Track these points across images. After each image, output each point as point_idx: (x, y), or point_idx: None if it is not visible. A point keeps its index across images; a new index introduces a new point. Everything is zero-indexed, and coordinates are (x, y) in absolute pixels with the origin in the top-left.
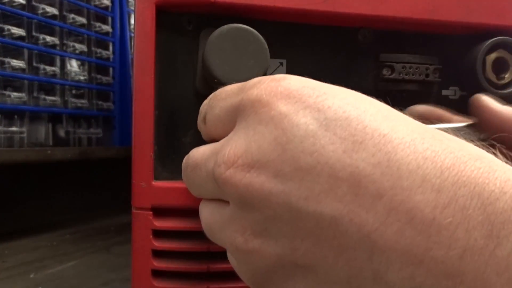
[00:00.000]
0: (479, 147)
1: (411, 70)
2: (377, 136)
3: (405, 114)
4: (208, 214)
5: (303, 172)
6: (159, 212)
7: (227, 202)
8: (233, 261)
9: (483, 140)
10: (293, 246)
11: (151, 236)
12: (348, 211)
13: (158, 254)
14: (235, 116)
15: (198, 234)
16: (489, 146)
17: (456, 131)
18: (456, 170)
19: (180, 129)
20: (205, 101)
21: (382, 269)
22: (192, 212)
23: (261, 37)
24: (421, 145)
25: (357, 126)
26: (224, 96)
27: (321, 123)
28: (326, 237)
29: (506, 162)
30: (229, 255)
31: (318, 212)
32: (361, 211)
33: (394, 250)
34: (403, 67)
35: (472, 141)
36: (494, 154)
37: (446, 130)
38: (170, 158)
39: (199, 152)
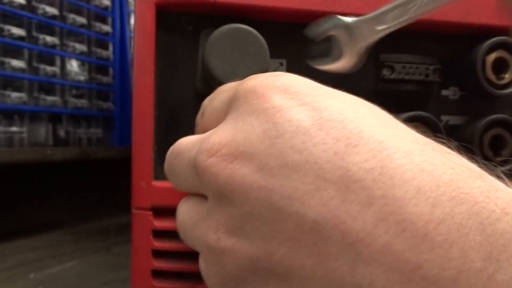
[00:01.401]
0: (482, 168)
1: (411, 70)
2: (372, 142)
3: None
4: (184, 210)
5: (289, 170)
6: (159, 212)
7: (205, 199)
8: (202, 264)
9: None
10: (269, 249)
11: (151, 236)
12: (333, 217)
13: (158, 254)
14: (229, 107)
15: None
16: (493, 166)
17: None
18: (454, 186)
19: (180, 129)
20: (208, 96)
21: (364, 285)
22: None
23: (261, 37)
24: (419, 156)
25: (352, 130)
26: (224, 90)
27: (315, 122)
28: (306, 243)
29: (508, 185)
30: (200, 259)
31: (300, 213)
32: (347, 218)
33: (380, 264)
34: (403, 67)
35: (476, 161)
36: (497, 176)
37: None
38: None
39: (185, 140)
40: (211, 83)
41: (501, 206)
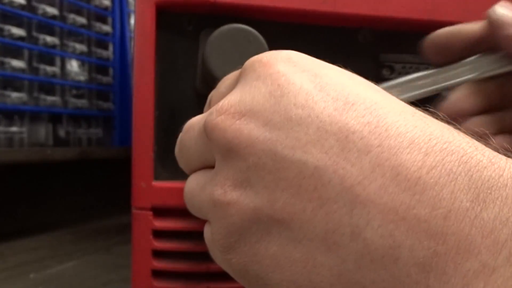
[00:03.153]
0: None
1: (411, 70)
2: (369, 101)
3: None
4: (192, 179)
5: (293, 123)
6: (159, 212)
7: (213, 168)
8: (206, 229)
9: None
10: (272, 197)
11: (151, 236)
12: (333, 163)
13: (158, 254)
14: (237, 83)
15: (198, 234)
16: (484, 138)
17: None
18: (445, 139)
19: (180, 129)
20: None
21: (361, 224)
22: None
23: (261, 37)
24: (411, 116)
25: (350, 91)
26: (228, 77)
27: (316, 84)
28: (307, 188)
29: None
30: (205, 226)
31: (302, 161)
32: (346, 164)
33: (376, 205)
34: (403, 67)
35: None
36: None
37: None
38: (170, 158)
39: (195, 117)
40: (211, 83)
41: (488, 158)
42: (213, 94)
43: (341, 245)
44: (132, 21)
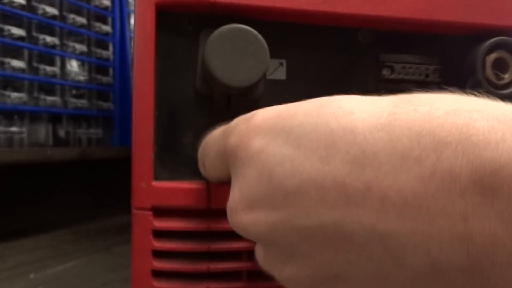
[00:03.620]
0: None
1: (411, 70)
2: (345, 134)
3: None
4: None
5: (294, 195)
6: (159, 212)
7: None
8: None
9: None
10: (317, 261)
11: (151, 236)
12: (345, 213)
13: (158, 254)
14: (225, 160)
15: (198, 234)
16: None
17: None
18: (434, 131)
19: (180, 129)
20: (199, 150)
21: (399, 255)
22: (192, 212)
23: (261, 37)
24: (386, 118)
25: (325, 133)
26: (212, 143)
27: (292, 144)
28: (339, 242)
29: None
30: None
31: (321, 224)
32: (357, 209)
33: (402, 234)
34: (403, 68)
35: None
36: None
37: None
38: (170, 158)
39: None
40: (211, 83)
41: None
42: (204, 158)
43: (394, 276)
44: (132, 21)
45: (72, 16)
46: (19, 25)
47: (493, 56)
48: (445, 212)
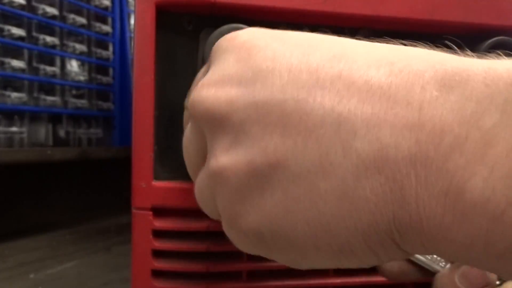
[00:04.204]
0: None
1: None
2: (330, 41)
3: None
4: (198, 179)
5: (266, 72)
6: (159, 212)
7: None
8: (206, 196)
9: None
10: (262, 144)
11: (151, 236)
12: (310, 93)
13: (158, 254)
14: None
15: (198, 234)
16: None
17: None
18: (406, 48)
19: (180, 129)
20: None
21: (349, 137)
22: (192, 212)
23: None
24: (374, 47)
25: (313, 39)
26: (203, 69)
27: (279, 42)
28: (292, 123)
29: None
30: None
31: (282, 100)
32: (323, 91)
33: (358, 116)
34: None
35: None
36: None
37: None
38: (170, 158)
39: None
40: None
41: (449, 54)
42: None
43: (337, 164)
44: (132, 21)
45: (72, 16)
46: (19, 25)
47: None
48: (405, 101)
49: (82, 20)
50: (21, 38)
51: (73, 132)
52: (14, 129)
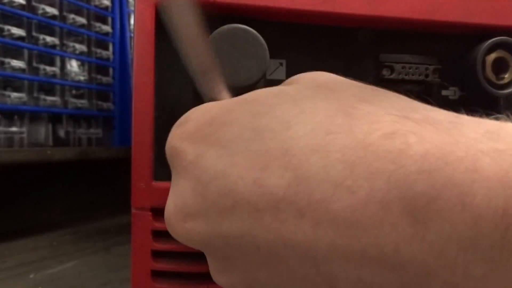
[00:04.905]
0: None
1: (410, 70)
2: (280, 155)
3: None
4: None
5: (228, 213)
6: (159, 212)
7: None
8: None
9: None
10: (253, 276)
11: (150, 237)
12: (280, 236)
13: (158, 254)
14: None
15: None
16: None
17: None
18: (368, 160)
19: None
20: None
21: (332, 275)
22: None
23: (260, 37)
24: (322, 139)
25: (260, 149)
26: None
27: (226, 160)
28: (273, 263)
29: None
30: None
31: (253, 243)
32: (291, 234)
33: (336, 258)
34: (402, 68)
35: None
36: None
37: None
38: None
39: None
40: None
41: (417, 164)
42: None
43: None
44: (132, 21)
45: (72, 16)
46: (19, 25)
47: (493, 56)
48: (377, 243)
49: (82, 20)
50: (21, 38)
51: (73, 132)
52: (14, 129)
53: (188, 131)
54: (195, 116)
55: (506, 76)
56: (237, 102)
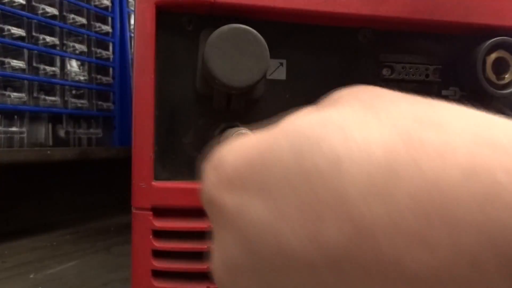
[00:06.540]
0: None
1: (411, 70)
2: (335, 203)
3: None
4: None
5: (282, 272)
6: (159, 212)
7: None
8: None
9: None
10: None
11: (151, 236)
12: None
13: (158, 254)
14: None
15: (198, 234)
16: None
17: None
18: (446, 208)
19: (180, 129)
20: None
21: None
22: (192, 212)
23: (261, 37)
24: (382, 176)
25: (309, 199)
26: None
27: (272, 210)
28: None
29: None
30: None
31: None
32: None
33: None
34: (403, 67)
35: None
36: None
37: None
38: (170, 158)
39: None
40: (211, 83)
41: None
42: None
43: None
44: (132, 21)
45: (72, 16)
46: (19, 25)
47: (493, 56)
48: None
49: (82, 20)
50: (21, 38)
51: (73, 132)
52: (14, 129)
53: (226, 178)
54: (230, 159)
55: (506, 76)
56: (276, 136)
